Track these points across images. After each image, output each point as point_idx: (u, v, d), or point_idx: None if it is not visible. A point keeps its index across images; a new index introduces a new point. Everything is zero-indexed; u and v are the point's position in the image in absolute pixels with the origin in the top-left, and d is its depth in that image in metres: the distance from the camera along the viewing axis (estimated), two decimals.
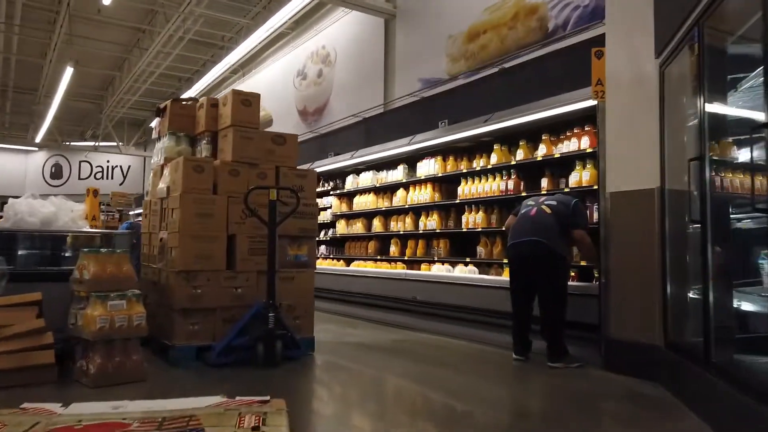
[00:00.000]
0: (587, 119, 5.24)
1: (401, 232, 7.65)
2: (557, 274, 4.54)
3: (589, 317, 4.59)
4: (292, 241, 4.81)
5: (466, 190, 6.62)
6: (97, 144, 21.27)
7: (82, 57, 13.93)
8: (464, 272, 6.27)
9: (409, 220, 7.58)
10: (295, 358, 4.53)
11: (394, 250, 7.78)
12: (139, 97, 17.74)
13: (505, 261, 5.86)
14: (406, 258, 7.48)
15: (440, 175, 7.03)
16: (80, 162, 24.29)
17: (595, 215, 4.90)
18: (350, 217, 8.92)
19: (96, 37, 13.75)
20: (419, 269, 7.12)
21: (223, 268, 4.43)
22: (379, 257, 8.00)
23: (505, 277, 5.71)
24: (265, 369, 4.18)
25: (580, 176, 5.24)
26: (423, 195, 7.32)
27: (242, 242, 4.50)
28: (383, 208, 8.06)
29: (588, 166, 5.20)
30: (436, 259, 6.96)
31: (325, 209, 9.55)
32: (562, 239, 4.59)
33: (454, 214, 6.99)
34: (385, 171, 8.22)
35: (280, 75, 13.03)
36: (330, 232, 9.34)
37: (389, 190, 8.14)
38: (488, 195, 6.28)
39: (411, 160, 7.66)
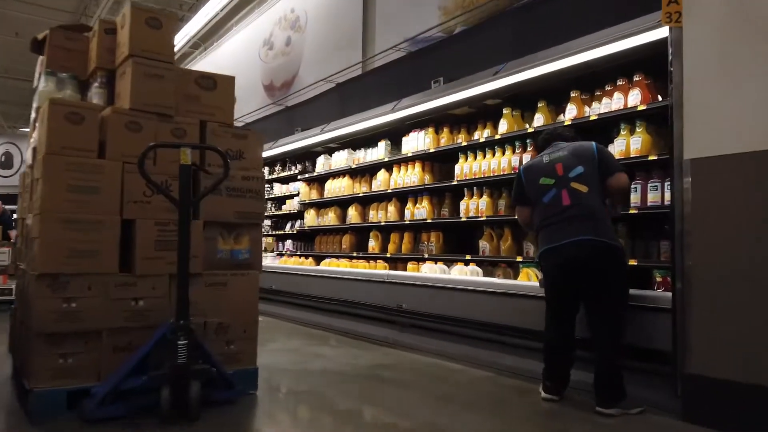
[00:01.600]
0: (637, 66, 3.85)
1: (382, 224, 6.20)
2: (619, 276, 3.16)
3: (655, 341, 3.20)
4: (227, 231, 3.33)
5: (466, 168, 5.19)
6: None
7: (23, 28, 12.19)
8: (464, 273, 4.84)
9: (392, 208, 6.13)
10: (228, 402, 3.07)
11: (373, 245, 6.32)
12: None
13: (534, 264, 4.45)
14: (388, 255, 6.03)
15: (432, 151, 5.60)
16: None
17: (666, 195, 3.51)
18: (321, 205, 7.44)
19: (39, 2, 12.02)
20: (405, 269, 5.68)
21: (115, 271, 2.93)
22: (355, 254, 6.54)
23: (522, 281, 4.29)
24: (175, 424, 2.71)
25: (627, 144, 3.85)
26: (410, 177, 5.88)
27: (146, 231, 3.00)
28: (360, 194, 6.60)
29: (638, 129, 3.81)
30: (426, 256, 5.53)
31: (291, 197, 8.05)
32: (608, 217, 3.23)
33: (450, 199, 5.56)
34: (362, 149, 6.75)
35: (244, 47, 11.45)
36: (297, 224, 7.84)
37: (368, 172, 6.68)
38: (495, 174, 4.86)
39: (395, 134, 6.21)
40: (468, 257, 5.04)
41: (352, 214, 6.75)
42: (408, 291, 5.04)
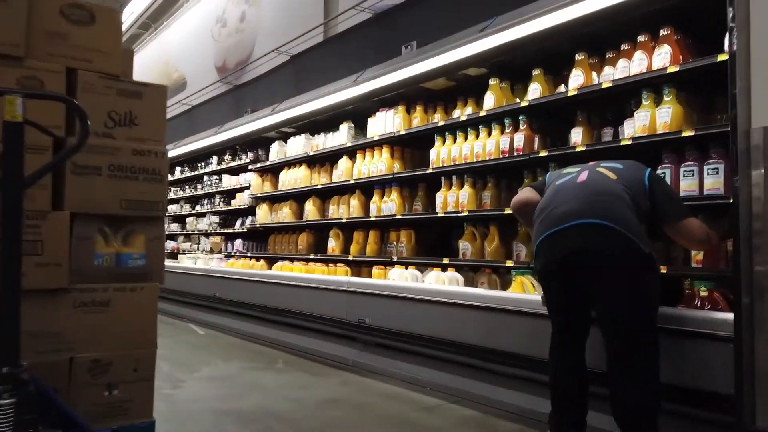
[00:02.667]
0: (665, 17, 3.00)
1: (344, 220, 5.26)
2: (642, 291, 2.28)
3: (705, 380, 2.34)
4: (112, 227, 2.34)
5: (444, 153, 4.29)
6: None
7: None
8: (440, 282, 3.94)
9: (355, 202, 5.20)
10: None
11: (333, 245, 5.38)
12: None
13: (529, 270, 3.56)
14: (350, 257, 5.09)
15: (402, 133, 4.68)
16: None
17: (706, 181, 2.67)
18: (275, 199, 6.46)
19: None
20: (369, 275, 4.76)
21: None
22: (312, 256, 5.59)
23: (515, 293, 3.40)
24: None
25: (652, 118, 3.00)
26: (377, 165, 4.95)
27: None
28: (319, 186, 5.64)
29: (667, 98, 2.95)
30: (395, 259, 4.61)
31: (242, 190, 7.03)
32: (641, 226, 2.35)
33: (424, 191, 4.65)
34: (322, 134, 5.80)
35: (195, 27, 10.35)
36: (248, 221, 6.83)
37: (328, 160, 5.73)
38: (480, 160, 3.97)
39: (359, 115, 5.27)
40: (445, 261, 4.14)
41: (310, 210, 5.79)
42: (372, 302, 4.12)
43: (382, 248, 4.97)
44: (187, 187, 8.48)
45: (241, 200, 6.97)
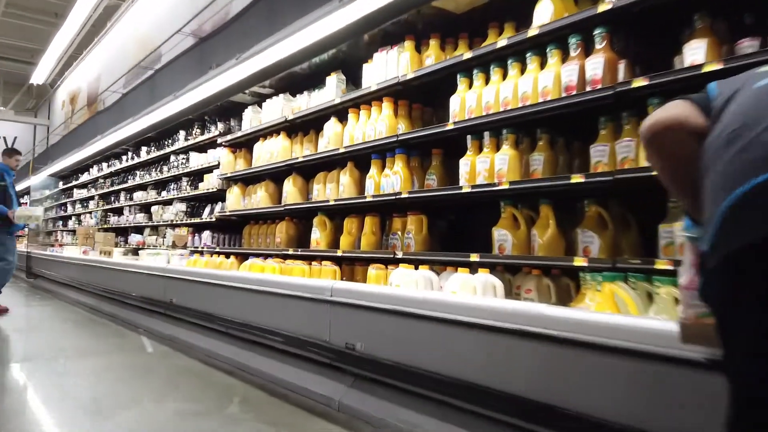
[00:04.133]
0: None
1: (331, 203, 3.92)
2: None
3: None
4: None
5: (471, 100, 2.94)
6: None
7: None
8: (469, 289, 2.59)
9: (347, 178, 3.86)
10: None
11: (318, 237, 4.04)
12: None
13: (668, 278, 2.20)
14: (339, 253, 3.75)
15: (410, 77, 3.32)
16: None
17: None
18: (248, 180, 5.13)
19: None
20: (364, 278, 3.43)
21: None
22: (291, 251, 4.25)
23: (611, 314, 2.05)
24: None
25: None
26: (375, 126, 3.60)
27: None
28: (300, 160, 4.30)
29: None
30: (400, 255, 3.27)
31: (211, 170, 5.70)
32: None
33: (441, 159, 3.31)
34: (305, 93, 4.45)
35: None
36: (217, 208, 5.50)
37: (312, 126, 4.38)
38: (528, 105, 2.62)
39: (352, 63, 3.93)
40: (474, 258, 2.79)
41: (290, 191, 4.45)
42: (367, 319, 2.77)
43: (383, 240, 3.63)
44: (153, 170, 7.17)
45: (209, 183, 5.64)
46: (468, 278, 2.58)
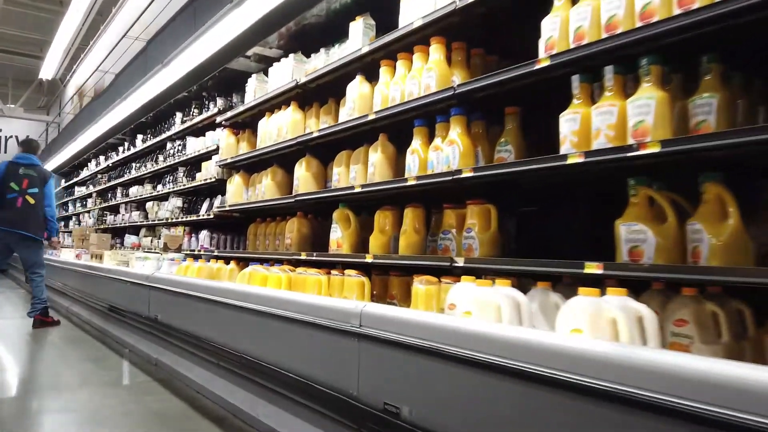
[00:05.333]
0: None
1: (356, 191, 2.86)
2: None
3: None
4: None
5: (580, 18, 1.86)
6: None
7: None
8: (604, 325, 1.51)
9: (378, 156, 2.80)
10: None
11: (340, 238, 2.99)
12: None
13: None
14: (369, 259, 2.69)
15: (471, 0, 2.25)
16: None
17: None
18: (251, 167, 4.11)
19: None
20: (403, 296, 2.38)
21: None
22: (303, 256, 3.21)
23: None
24: None
25: None
26: (419, 79, 2.54)
27: None
28: (316, 135, 3.25)
29: None
30: (459, 263, 2.20)
31: (209, 156, 4.71)
32: None
33: (519, 122, 2.24)
34: (321, 51, 3.42)
35: None
36: (217, 202, 4.50)
37: (331, 91, 3.34)
38: (692, 9, 1.53)
39: (381, 1, 2.87)
40: (591, 268, 1.71)
41: (302, 178, 3.41)
42: (419, 368, 1.72)
43: (429, 240, 2.57)
44: (149, 161, 6.22)
45: (208, 172, 4.65)
46: (599, 305, 1.50)
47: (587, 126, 1.82)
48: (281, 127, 3.62)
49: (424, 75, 2.50)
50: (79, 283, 6.30)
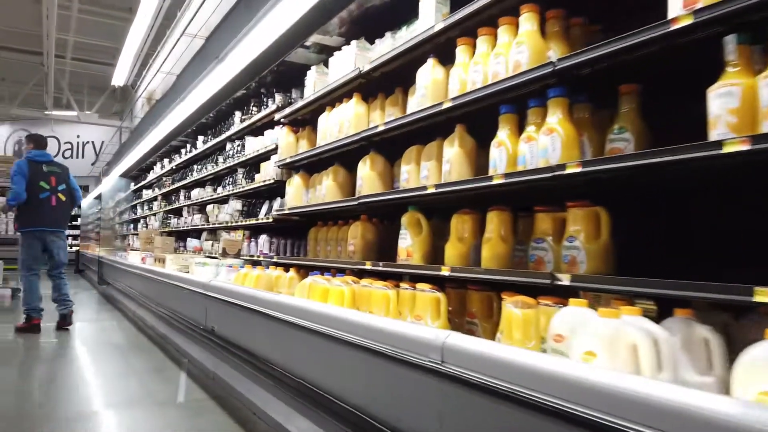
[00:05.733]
0: None
1: (429, 191, 2.45)
2: None
3: None
4: None
5: None
6: (48, 112, 16.71)
7: None
8: None
9: (455, 151, 2.38)
10: None
11: (409, 246, 2.60)
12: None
13: None
14: (445, 272, 2.29)
15: None
16: (47, 137, 19.94)
17: None
18: (313, 167, 3.79)
19: None
20: (485, 317, 1.95)
21: None
22: (368, 266, 2.84)
23: None
24: None
25: None
26: (507, 56, 2.11)
27: None
28: (381, 129, 2.87)
29: None
30: (564, 281, 1.75)
31: (266, 157, 4.44)
32: None
33: (637, 104, 1.77)
34: (387, 36, 3.04)
35: None
36: (276, 205, 4.22)
37: (398, 79, 2.96)
38: None
39: None
40: (762, 295, 1.23)
41: (366, 178, 3.05)
42: (528, 424, 1.30)
43: (515, 251, 2.14)
44: (209, 162, 6.07)
45: (266, 173, 4.39)
46: None
47: (752, 102, 1.34)
48: (342, 122, 3.27)
49: (512, 50, 2.07)
50: (144, 287, 6.26)
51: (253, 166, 4.81)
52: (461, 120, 2.42)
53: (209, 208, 5.91)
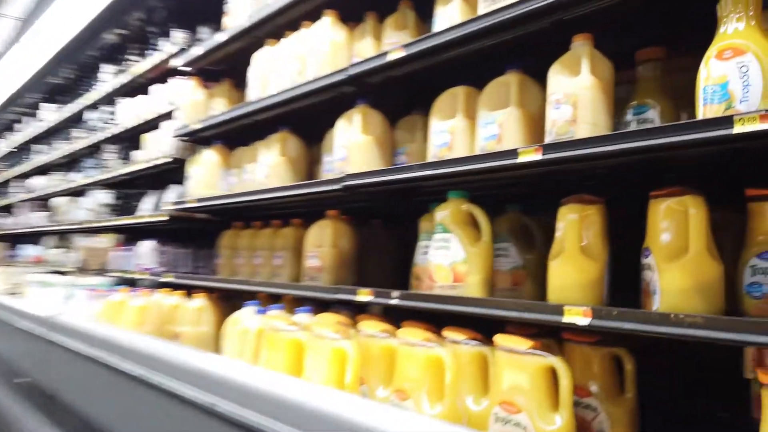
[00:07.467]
0: None
1: (530, 159, 1.31)
2: None
3: None
4: None
5: None
6: None
7: None
8: None
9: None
10: None
11: (459, 261, 1.43)
12: None
13: None
14: (578, 319, 1.15)
15: None
16: None
17: None
18: (237, 137, 2.47)
19: None
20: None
21: None
22: (366, 296, 1.61)
23: None
24: None
25: None
26: None
27: None
28: (395, 58, 1.67)
29: None
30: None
31: (153, 125, 2.99)
32: None
33: None
34: None
35: None
36: (170, 195, 2.79)
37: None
38: None
39: None
40: None
41: (353, 147, 1.82)
42: None
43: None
44: (59, 140, 4.36)
45: (153, 150, 2.93)
46: None
47: None
48: (304, 59, 2.01)
49: None
50: None
51: (130, 140, 3.29)
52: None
53: (57, 201, 4.20)
